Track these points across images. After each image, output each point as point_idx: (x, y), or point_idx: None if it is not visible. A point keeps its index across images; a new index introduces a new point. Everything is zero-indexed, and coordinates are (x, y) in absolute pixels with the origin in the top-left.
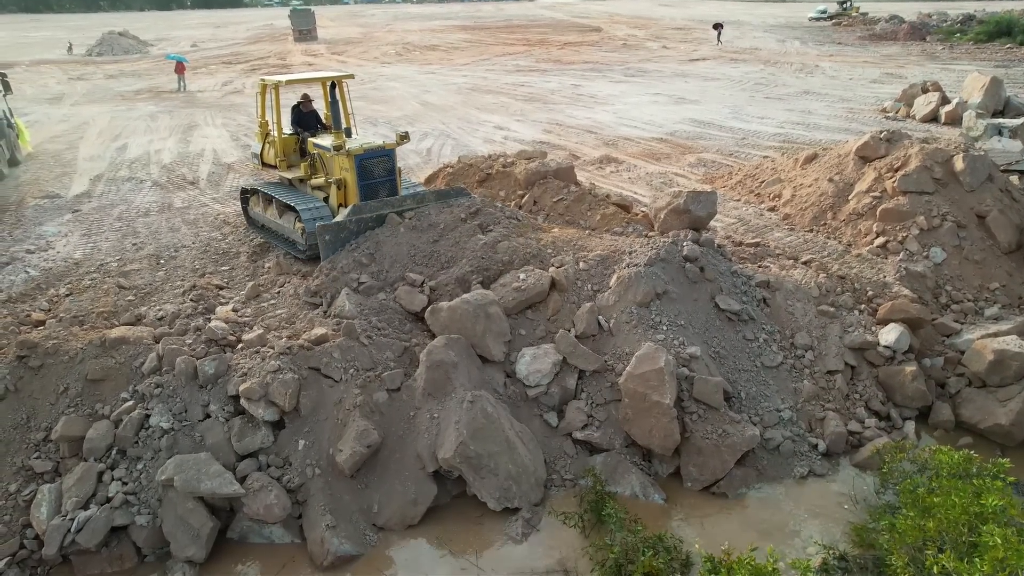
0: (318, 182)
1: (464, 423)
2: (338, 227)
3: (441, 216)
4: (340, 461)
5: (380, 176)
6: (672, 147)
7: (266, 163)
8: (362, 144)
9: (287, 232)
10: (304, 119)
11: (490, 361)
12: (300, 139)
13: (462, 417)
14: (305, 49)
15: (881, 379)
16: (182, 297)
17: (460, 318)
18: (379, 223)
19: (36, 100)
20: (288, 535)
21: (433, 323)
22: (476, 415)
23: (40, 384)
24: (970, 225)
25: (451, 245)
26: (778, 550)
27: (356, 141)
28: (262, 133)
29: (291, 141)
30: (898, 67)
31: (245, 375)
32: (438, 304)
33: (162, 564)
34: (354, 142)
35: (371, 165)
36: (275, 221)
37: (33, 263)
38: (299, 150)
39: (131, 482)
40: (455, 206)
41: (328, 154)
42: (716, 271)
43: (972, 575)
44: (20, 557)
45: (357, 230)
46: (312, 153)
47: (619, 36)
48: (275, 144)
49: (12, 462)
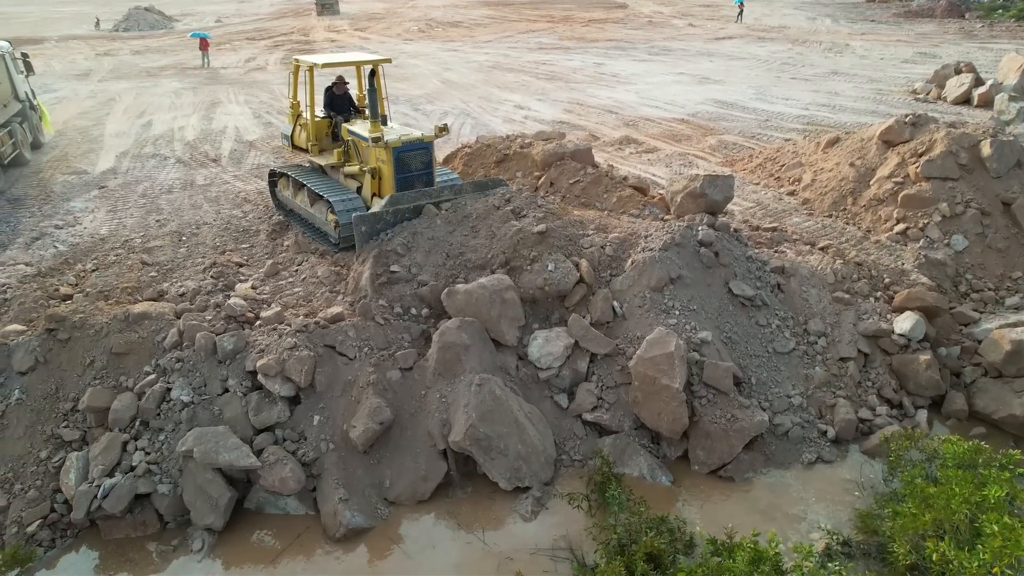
0: (352, 170)
1: (473, 406)
2: (375, 218)
3: (476, 206)
4: (353, 437)
5: (417, 169)
6: (693, 128)
7: (296, 146)
8: (400, 136)
9: (318, 222)
10: (337, 102)
11: (503, 344)
12: (332, 123)
13: (471, 400)
14: (328, 25)
15: (895, 367)
16: (203, 274)
17: (476, 302)
18: (416, 214)
19: (65, 76)
20: (303, 507)
21: (449, 305)
22: (484, 398)
23: (68, 356)
24: (995, 212)
25: (487, 238)
26: (782, 534)
27: (394, 133)
28: (293, 115)
29: (323, 125)
30: (932, 46)
31: (262, 351)
32: (454, 287)
33: (183, 531)
34: (392, 134)
35: (408, 158)
36: (305, 209)
37: (61, 238)
38: (331, 134)
39: (153, 452)
40: (491, 195)
41: (364, 143)
42: (731, 256)
43: (972, 563)
44: (51, 520)
45: (394, 221)
46: (346, 140)
47: (645, 13)
48: (307, 127)
49: (43, 430)
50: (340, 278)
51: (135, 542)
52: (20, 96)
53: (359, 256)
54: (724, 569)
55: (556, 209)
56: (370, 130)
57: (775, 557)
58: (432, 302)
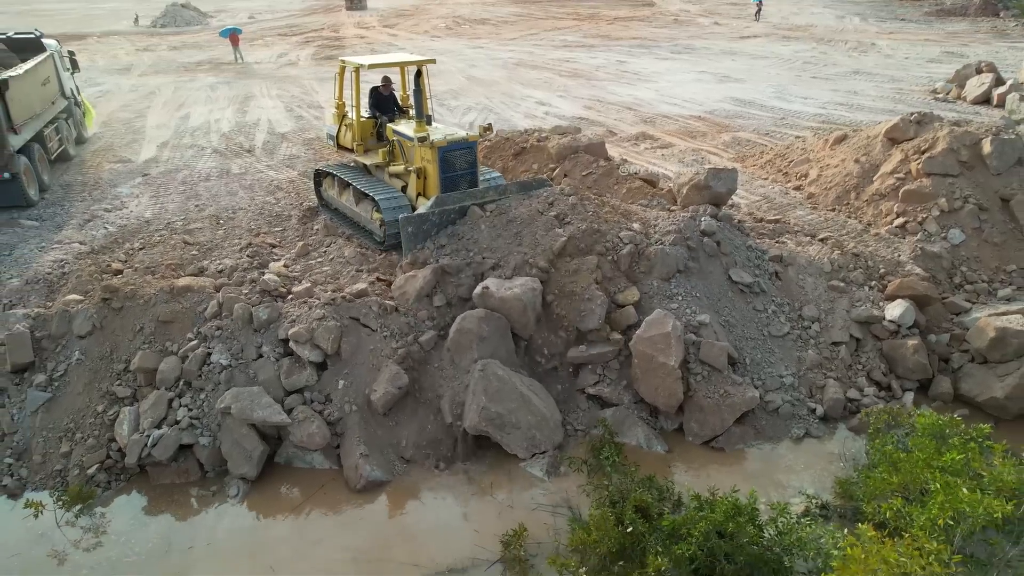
0: (397, 169)
1: (481, 389)
2: (421, 219)
3: (520, 210)
4: (374, 400)
5: (462, 168)
6: (709, 125)
7: (342, 146)
8: (446, 136)
9: (363, 221)
10: (382, 102)
11: (519, 337)
12: (377, 123)
13: (478, 385)
14: (357, 22)
15: (885, 351)
16: (239, 253)
17: (510, 309)
18: (461, 215)
19: (108, 71)
20: (327, 462)
21: (480, 304)
22: (490, 379)
23: (121, 323)
24: (993, 208)
25: (530, 246)
26: (766, 497)
27: (439, 132)
28: (338, 115)
29: (369, 125)
30: (961, 45)
31: (294, 321)
32: (489, 290)
33: (220, 479)
34: (438, 133)
35: (453, 158)
36: (351, 208)
37: (111, 220)
38: (375, 134)
39: (195, 409)
40: (535, 198)
41: (410, 143)
42: (732, 245)
43: (920, 518)
44: (107, 465)
45: (440, 222)
46: (391, 140)
47: (671, 11)
48: (353, 127)
49: (99, 387)
50: (365, 259)
51: (179, 487)
52: (66, 93)
53: (406, 259)
54: (704, 519)
55: (604, 214)
56: (415, 130)
57: (752, 511)
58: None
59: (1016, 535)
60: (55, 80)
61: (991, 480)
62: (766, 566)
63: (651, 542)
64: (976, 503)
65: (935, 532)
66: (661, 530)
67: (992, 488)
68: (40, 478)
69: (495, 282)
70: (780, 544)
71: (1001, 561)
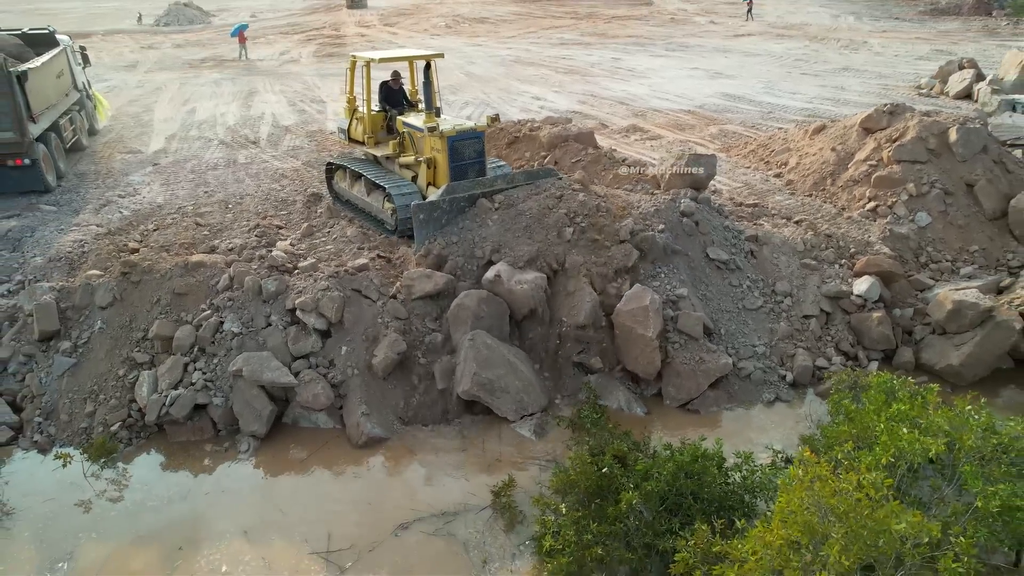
0: (407, 160)
1: (471, 358)
2: (432, 207)
3: (529, 204)
4: (375, 363)
5: (470, 158)
6: (698, 119)
7: (353, 139)
8: (455, 126)
9: (375, 211)
10: (392, 96)
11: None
12: (387, 116)
13: (469, 353)
14: (358, 20)
15: (853, 324)
16: (248, 234)
17: (515, 299)
18: (471, 203)
19: (114, 67)
20: (331, 421)
21: (489, 290)
22: (479, 348)
23: (139, 295)
24: (958, 192)
25: (542, 242)
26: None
27: (448, 123)
28: (349, 109)
29: (379, 118)
30: (951, 44)
31: (300, 292)
32: (500, 279)
33: (232, 437)
34: (447, 124)
35: (462, 147)
36: (362, 199)
37: (125, 205)
38: (386, 127)
39: (209, 372)
40: (543, 190)
41: (420, 134)
42: (710, 225)
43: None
44: (128, 423)
45: (450, 210)
46: (401, 132)
47: (669, 10)
48: (363, 120)
49: (120, 353)
50: (367, 238)
51: (194, 444)
52: (78, 86)
53: (419, 251)
54: (671, 460)
55: (609, 209)
56: (425, 121)
57: (718, 457)
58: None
59: (950, 476)
60: (68, 73)
61: (928, 425)
62: (729, 503)
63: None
64: (914, 440)
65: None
66: (635, 473)
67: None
68: (67, 435)
69: (507, 271)
70: (743, 487)
71: (938, 498)
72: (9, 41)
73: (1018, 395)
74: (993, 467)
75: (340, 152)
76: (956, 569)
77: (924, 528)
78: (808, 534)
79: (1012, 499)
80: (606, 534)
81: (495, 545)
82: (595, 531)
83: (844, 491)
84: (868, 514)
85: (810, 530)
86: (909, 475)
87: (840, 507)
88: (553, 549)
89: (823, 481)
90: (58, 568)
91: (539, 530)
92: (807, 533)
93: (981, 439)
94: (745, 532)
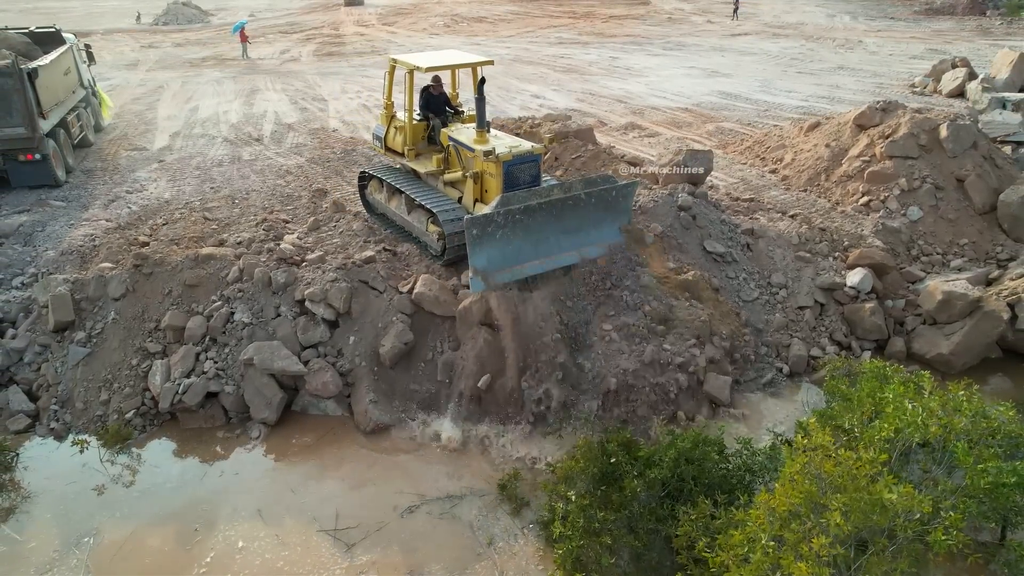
0: (453, 177)
1: (473, 356)
2: (486, 220)
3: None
4: (382, 353)
5: (525, 182)
6: (695, 116)
7: (390, 148)
8: (511, 148)
9: (416, 232)
10: (433, 102)
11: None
12: (430, 126)
13: (469, 353)
14: (357, 20)
15: (846, 315)
16: (255, 228)
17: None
18: (525, 215)
19: (115, 66)
20: (339, 408)
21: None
22: (483, 345)
23: (151, 287)
24: (948, 187)
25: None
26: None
27: (503, 144)
28: (387, 115)
29: (420, 128)
30: (945, 43)
31: (309, 284)
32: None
33: (243, 423)
34: (502, 146)
35: (519, 171)
36: (402, 216)
37: (133, 201)
38: (426, 137)
39: (220, 361)
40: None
41: (470, 153)
42: (706, 219)
43: (871, 434)
44: (142, 411)
45: (505, 224)
46: (446, 145)
47: (666, 9)
48: (403, 130)
49: (133, 343)
50: (372, 232)
51: (206, 430)
52: (84, 84)
53: (475, 275)
54: (673, 446)
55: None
56: (476, 140)
57: (719, 441)
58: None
59: (939, 459)
60: (75, 71)
61: (923, 406)
62: (730, 484)
63: (629, 469)
64: (916, 415)
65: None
66: (639, 460)
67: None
68: (82, 423)
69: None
70: (744, 467)
71: (929, 479)
72: (18, 39)
73: (1005, 383)
74: (982, 448)
75: (378, 162)
76: (945, 542)
77: (916, 501)
78: (808, 502)
79: (1000, 476)
80: (612, 521)
81: (499, 527)
82: (601, 519)
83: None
84: (864, 485)
85: (810, 498)
86: (900, 459)
87: (839, 479)
88: (562, 535)
89: (825, 450)
90: (84, 543)
91: (548, 515)
92: (807, 502)
93: (972, 423)
94: (748, 505)
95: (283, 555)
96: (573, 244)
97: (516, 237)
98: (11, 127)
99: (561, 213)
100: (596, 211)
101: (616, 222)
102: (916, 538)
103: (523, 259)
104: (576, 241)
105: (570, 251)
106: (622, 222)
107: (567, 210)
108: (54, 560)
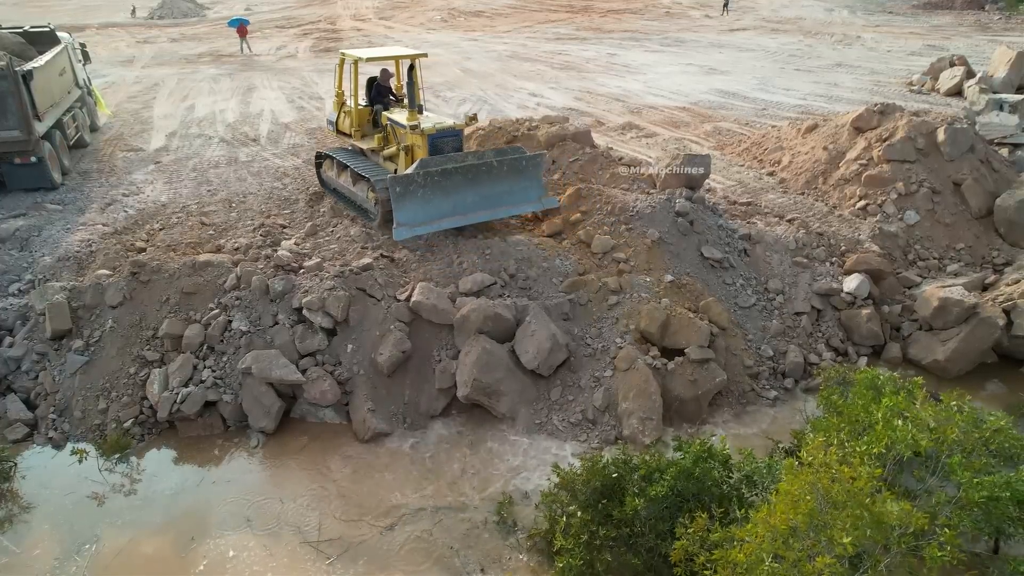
0: (390, 152)
1: (471, 363)
2: (407, 179)
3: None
4: (380, 361)
5: (449, 153)
6: (693, 116)
7: (340, 131)
8: (435, 124)
9: (360, 200)
10: (380, 92)
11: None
12: (373, 111)
13: (469, 359)
14: (353, 14)
15: (843, 321)
16: (253, 233)
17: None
18: (444, 177)
19: (111, 62)
20: (338, 416)
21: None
22: (480, 353)
23: (148, 294)
24: (945, 191)
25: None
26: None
27: (429, 121)
28: (338, 103)
29: (365, 112)
30: (943, 39)
31: (306, 292)
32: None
33: (242, 432)
34: (428, 122)
35: (442, 144)
36: (348, 188)
37: (129, 204)
38: (372, 121)
39: (218, 370)
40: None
41: (402, 130)
42: (704, 224)
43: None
44: (140, 419)
45: (425, 184)
46: (385, 126)
47: (663, 3)
48: (351, 114)
49: (130, 351)
50: (370, 237)
51: (205, 439)
52: (80, 83)
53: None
54: (674, 464)
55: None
56: (407, 118)
57: (722, 451)
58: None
59: (933, 468)
60: (70, 71)
61: (914, 418)
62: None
63: (629, 484)
64: (906, 432)
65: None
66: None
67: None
68: (81, 431)
69: (539, 320)
70: (742, 480)
71: (923, 490)
72: (12, 40)
73: (1001, 388)
74: (974, 459)
75: (332, 144)
76: (940, 557)
77: (913, 517)
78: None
79: (995, 490)
80: (612, 538)
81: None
82: (603, 536)
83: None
84: (864, 502)
85: (811, 515)
86: (895, 467)
87: (839, 496)
88: (563, 548)
89: (827, 467)
90: (84, 550)
91: (548, 528)
92: (808, 518)
93: (964, 433)
94: (744, 521)
95: (271, 566)
96: (488, 204)
97: (435, 196)
98: (6, 130)
99: (476, 177)
100: (508, 177)
101: (530, 189)
102: (910, 551)
103: (441, 215)
104: (490, 202)
105: (485, 210)
106: (536, 190)
107: (481, 175)
108: (54, 568)
